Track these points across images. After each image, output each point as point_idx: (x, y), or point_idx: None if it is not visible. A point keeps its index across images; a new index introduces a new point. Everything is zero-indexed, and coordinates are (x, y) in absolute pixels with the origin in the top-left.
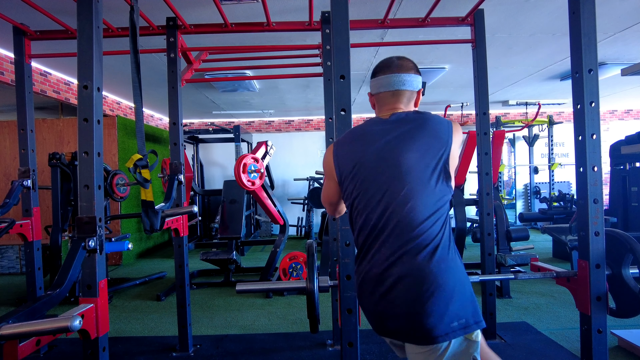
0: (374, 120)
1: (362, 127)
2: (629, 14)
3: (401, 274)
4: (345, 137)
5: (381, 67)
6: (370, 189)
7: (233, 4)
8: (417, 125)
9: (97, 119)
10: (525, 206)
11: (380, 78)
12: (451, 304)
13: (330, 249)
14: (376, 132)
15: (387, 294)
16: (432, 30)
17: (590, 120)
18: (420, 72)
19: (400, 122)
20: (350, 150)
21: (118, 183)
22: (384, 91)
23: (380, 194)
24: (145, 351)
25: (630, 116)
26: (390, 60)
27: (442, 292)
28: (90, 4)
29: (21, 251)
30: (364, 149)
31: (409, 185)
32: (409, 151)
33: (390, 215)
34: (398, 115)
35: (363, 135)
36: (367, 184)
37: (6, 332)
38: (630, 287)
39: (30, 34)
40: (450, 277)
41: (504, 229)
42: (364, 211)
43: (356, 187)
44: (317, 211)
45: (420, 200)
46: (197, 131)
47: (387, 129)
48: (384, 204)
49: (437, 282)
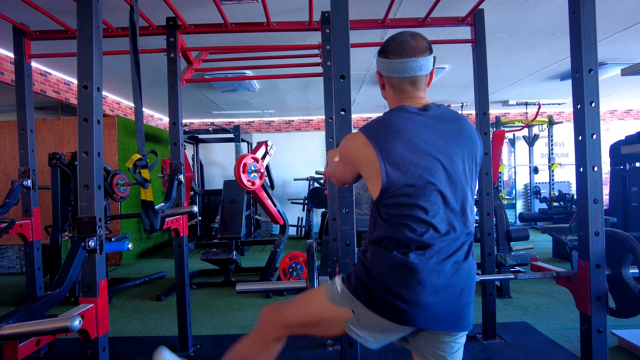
0: (409, 111)
1: (398, 117)
2: (629, 14)
3: (462, 271)
4: (383, 129)
5: (393, 47)
6: (427, 190)
7: (233, 4)
8: (458, 128)
9: (97, 119)
10: (525, 206)
11: (393, 62)
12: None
13: (330, 249)
14: (419, 126)
15: (449, 288)
16: (432, 30)
17: (590, 120)
18: (432, 48)
19: (439, 119)
20: (397, 144)
21: (118, 183)
22: (398, 77)
23: (438, 197)
24: (145, 351)
25: (630, 116)
26: (404, 39)
27: (474, 286)
28: (90, 4)
29: (21, 251)
30: (413, 145)
31: (464, 188)
32: (458, 155)
33: (449, 217)
34: (434, 110)
35: (404, 128)
36: (423, 185)
37: (6, 332)
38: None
39: (30, 34)
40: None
41: (504, 229)
42: (421, 211)
43: (409, 186)
44: (317, 211)
45: (470, 202)
46: (197, 131)
47: (429, 125)
48: (444, 207)
49: (474, 278)
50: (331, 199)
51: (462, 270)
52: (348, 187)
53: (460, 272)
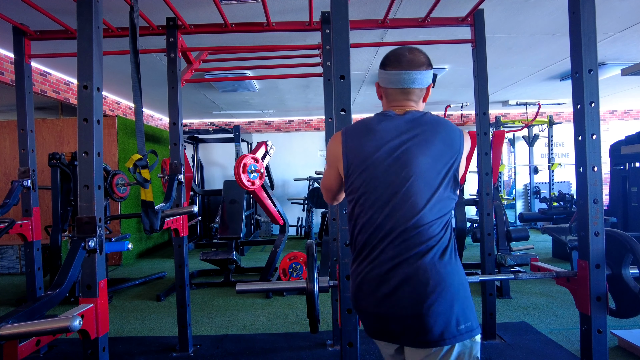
0: (387, 115)
1: (375, 120)
2: (629, 14)
3: (407, 275)
4: (356, 128)
5: (391, 60)
6: (378, 188)
7: (233, 4)
8: (432, 129)
9: (97, 119)
10: (525, 206)
11: (389, 73)
12: (455, 305)
13: (330, 249)
14: (390, 128)
15: (392, 295)
16: (432, 30)
17: (590, 120)
18: (431, 64)
19: (414, 122)
20: (362, 144)
21: (118, 183)
22: (392, 87)
23: (388, 195)
24: (145, 351)
25: (630, 116)
26: (402, 53)
27: (447, 294)
28: (90, 4)
29: (21, 251)
30: (377, 145)
31: (419, 189)
32: (422, 155)
33: (398, 218)
34: (413, 114)
35: (376, 129)
36: (376, 183)
37: (6, 332)
38: (630, 287)
39: (30, 34)
40: (455, 279)
41: (504, 229)
42: (369, 210)
43: (364, 184)
44: (317, 211)
45: (429, 205)
46: (197, 131)
47: (401, 128)
48: (392, 206)
49: (443, 284)
50: None
51: (409, 274)
52: None
53: (406, 276)
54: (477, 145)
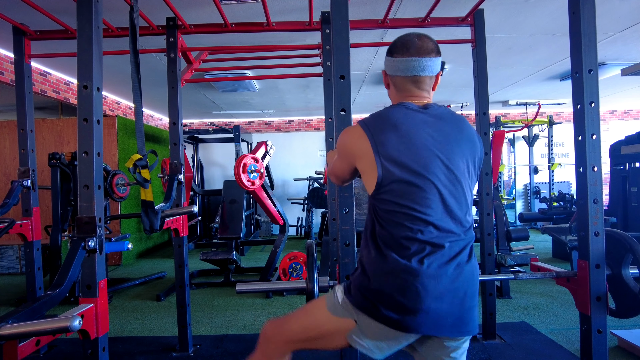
0: (409, 107)
1: (397, 113)
2: (628, 14)
3: (467, 273)
4: (380, 123)
5: (399, 46)
6: (426, 190)
7: (233, 4)
8: (457, 127)
9: (97, 119)
10: (525, 206)
11: (398, 60)
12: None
13: (330, 249)
14: (418, 123)
15: (455, 291)
16: (432, 30)
17: (590, 121)
18: (440, 51)
19: (440, 119)
20: (394, 139)
21: (118, 183)
22: (401, 75)
23: (436, 194)
24: (145, 351)
25: (630, 116)
26: (410, 39)
27: (477, 288)
28: (90, 4)
29: (21, 251)
30: (412, 142)
31: (462, 191)
32: (458, 156)
33: (454, 219)
34: (435, 109)
35: (402, 123)
36: (421, 182)
37: (6, 332)
38: (630, 287)
39: (30, 34)
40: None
41: (503, 229)
42: (419, 208)
43: (404, 180)
44: (317, 211)
45: (470, 206)
46: (197, 131)
47: (429, 123)
48: (443, 205)
49: (476, 280)
50: (331, 199)
51: (465, 272)
52: (348, 187)
53: (463, 275)
54: None
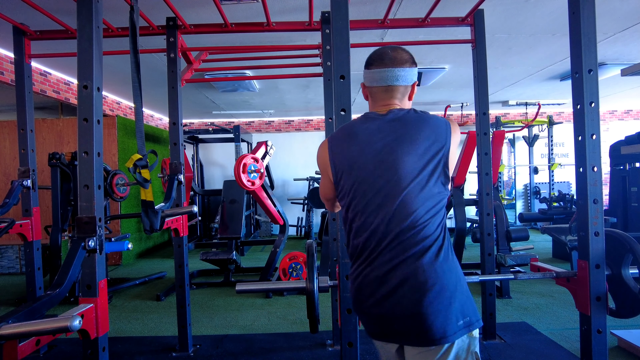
0: (369, 116)
1: (358, 123)
2: (629, 14)
3: (406, 276)
4: (340, 133)
5: (374, 58)
6: (368, 192)
7: (233, 4)
8: (416, 126)
9: (97, 119)
10: (525, 206)
11: (373, 71)
12: (454, 302)
13: (330, 249)
14: (373, 130)
15: (391, 296)
16: (432, 30)
17: (590, 121)
18: (415, 62)
19: (398, 121)
20: (347, 148)
21: (118, 183)
22: (376, 85)
23: (380, 198)
24: (145, 351)
25: (630, 116)
26: (384, 52)
27: (446, 292)
28: (90, 4)
29: (21, 251)
30: (362, 148)
31: (409, 189)
32: (407, 154)
33: (393, 220)
34: (396, 113)
35: (359, 132)
36: (366, 186)
37: (6, 332)
38: (630, 287)
39: (30, 34)
40: (452, 276)
41: (503, 229)
42: (363, 214)
43: (353, 188)
44: (317, 211)
45: (421, 203)
46: (197, 131)
47: (384, 128)
48: (385, 209)
49: (441, 282)
50: None
51: (408, 274)
52: None
53: (405, 277)
54: (477, 145)
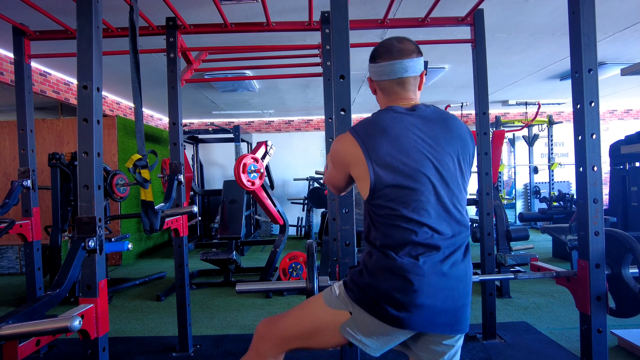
0: (397, 111)
1: (387, 118)
2: (628, 14)
3: (462, 271)
4: (370, 129)
5: (381, 51)
6: (417, 191)
7: (233, 4)
8: (446, 126)
9: (97, 119)
10: (525, 206)
11: (381, 65)
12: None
13: (330, 249)
14: (407, 126)
15: (453, 289)
16: (432, 30)
17: (590, 120)
18: (421, 51)
19: (428, 119)
20: (384, 145)
21: (118, 183)
22: (386, 79)
23: (429, 196)
24: (145, 351)
25: (630, 116)
26: (390, 43)
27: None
28: (90, 4)
29: (21, 251)
30: (401, 145)
31: (454, 189)
32: (447, 155)
33: (445, 216)
34: (422, 110)
35: (393, 128)
36: (414, 183)
37: (6, 333)
38: (630, 287)
39: (29, 34)
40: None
41: (503, 228)
42: (413, 210)
43: (399, 183)
44: (317, 211)
45: (463, 204)
46: (197, 131)
47: (417, 125)
48: (436, 206)
49: (471, 277)
50: (331, 199)
51: (459, 271)
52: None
53: (457, 273)
54: (477, 145)
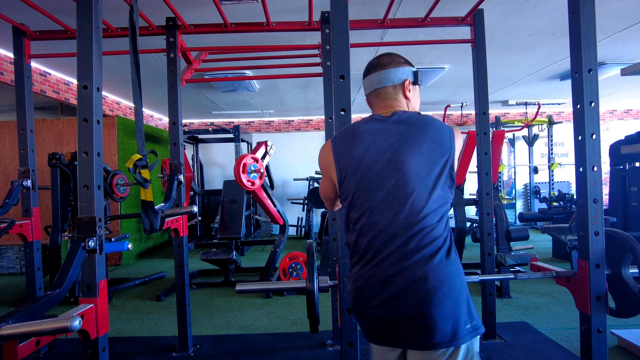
0: (374, 118)
1: (362, 124)
2: (628, 14)
3: (415, 277)
4: (344, 134)
5: (365, 71)
6: (376, 191)
7: (233, 4)
8: (420, 128)
9: (97, 119)
10: (525, 206)
11: (364, 80)
12: (462, 305)
13: (330, 249)
14: (377, 130)
15: (398, 297)
16: (432, 30)
17: (589, 120)
18: (404, 62)
19: (401, 123)
20: (352, 149)
21: (118, 183)
22: (367, 92)
23: (389, 198)
24: (145, 351)
25: (629, 116)
26: (372, 61)
27: (453, 294)
28: (90, 4)
29: (21, 251)
30: (367, 147)
31: (417, 190)
32: (413, 155)
33: (401, 220)
34: (399, 115)
35: (363, 132)
36: (373, 186)
37: (6, 333)
38: (630, 287)
39: (29, 34)
40: (458, 278)
41: (503, 228)
42: (369, 214)
43: (359, 188)
44: (317, 211)
45: (429, 205)
46: (197, 131)
47: (389, 129)
48: (394, 209)
49: (448, 284)
50: None
51: (427, 277)
52: None
53: (422, 279)
54: (477, 145)
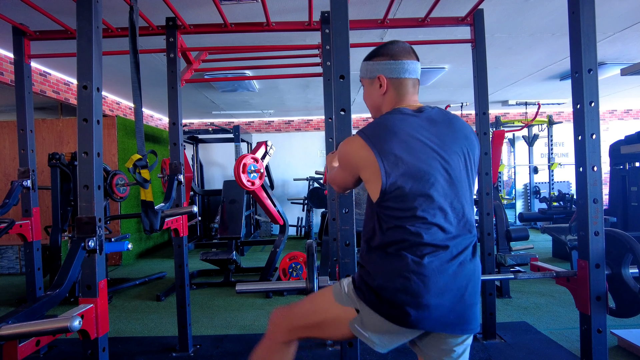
0: (405, 112)
1: (397, 120)
2: (628, 14)
3: (472, 269)
4: (380, 131)
5: (399, 50)
6: (427, 190)
7: (233, 4)
8: (451, 127)
9: (97, 119)
10: (525, 206)
11: (405, 62)
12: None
13: (330, 249)
14: (416, 127)
15: (464, 287)
16: (432, 30)
17: (589, 120)
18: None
19: (433, 120)
20: (395, 147)
21: (118, 183)
22: (407, 77)
23: (438, 197)
24: (145, 351)
25: (629, 116)
26: (405, 46)
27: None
28: (90, 4)
29: (21, 251)
30: (411, 146)
31: (462, 189)
32: (454, 155)
33: (452, 217)
34: (428, 111)
35: (402, 129)
36: (423, 185)
37: (6, 333)
38: (630, 287)
39: (29, 34)
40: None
41: (503, 228)
42: (422, 211)
43: (413, 187)
44: (317, 211)
45: (471, 204)
46: (197, 131)
47: (425, 126)
48: (445, 207)
49: (479, 277)
50: (331, 199)
51: (467, 271)
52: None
53: (465, 273)
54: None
